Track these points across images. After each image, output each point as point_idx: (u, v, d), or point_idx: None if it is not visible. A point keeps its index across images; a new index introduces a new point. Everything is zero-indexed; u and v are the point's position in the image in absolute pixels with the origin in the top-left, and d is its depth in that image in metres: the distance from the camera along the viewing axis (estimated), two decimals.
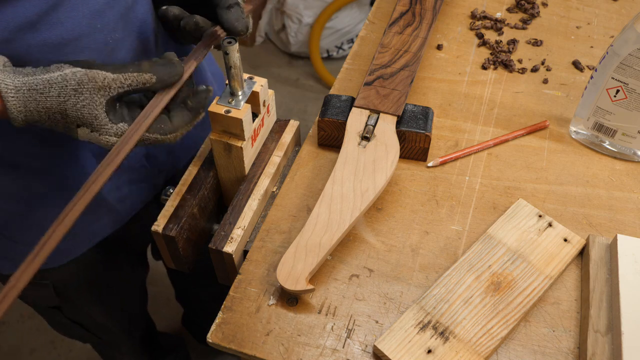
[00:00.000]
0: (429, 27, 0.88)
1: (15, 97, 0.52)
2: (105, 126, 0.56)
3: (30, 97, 0.52)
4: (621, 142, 0.76)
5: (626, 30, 0.69)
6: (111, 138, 0.57)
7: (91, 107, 0.54)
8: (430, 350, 0.58)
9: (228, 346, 0.61)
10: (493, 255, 0.66)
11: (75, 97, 0.53)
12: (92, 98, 0.54)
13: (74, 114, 0.54)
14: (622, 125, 0.74)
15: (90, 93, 0.54)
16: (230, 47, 0.61)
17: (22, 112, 0.53)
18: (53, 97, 0.53)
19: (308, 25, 2.30)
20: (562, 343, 0.61)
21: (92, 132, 0.56)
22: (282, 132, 0.80)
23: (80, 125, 0.55)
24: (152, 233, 0.71)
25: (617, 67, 0.70)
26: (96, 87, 0.54)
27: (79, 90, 0.53)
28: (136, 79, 0.55)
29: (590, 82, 0.75)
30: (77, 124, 0.55)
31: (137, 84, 0.55)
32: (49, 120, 0.55)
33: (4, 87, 0.52)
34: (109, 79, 0.54)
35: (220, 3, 0.61)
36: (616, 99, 0.72)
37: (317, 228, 0.65)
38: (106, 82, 0.54)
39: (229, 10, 0.60)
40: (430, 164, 0.78)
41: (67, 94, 0.53)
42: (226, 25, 0.61)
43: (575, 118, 0.80)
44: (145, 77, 0.56)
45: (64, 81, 0.53)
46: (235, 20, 0.60)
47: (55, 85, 0.53)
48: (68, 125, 0.55)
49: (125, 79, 0.55)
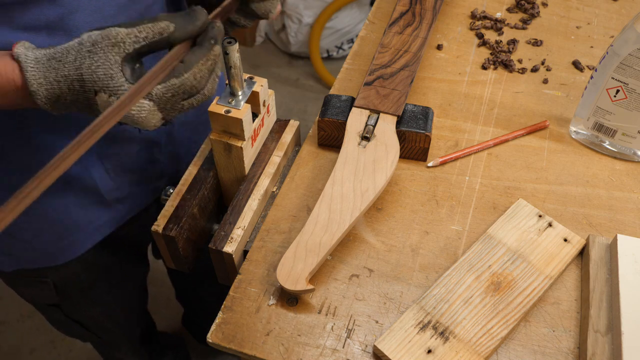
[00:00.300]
0: (429, 27, 0.88)
1: (34, 67, 0.51)
2: (121, 87, 0.51)
3: (50, 66, 0.52)
4: (621, 142, 0.76)
5: (626, 30, 0.69)
6: None
7: (106, 67, 0.51)
8: (430, 350, 0.58)
9: (228, 346, 0.61)
10: (493, 255, 0.66)
11: (90, 58, 0.51)
12: (106, 57, 0.51)
13: (90, 77, 0.51)
14: (622, 125, 0.74)
15: (105, 52, 0.51)
16: (230, 47, 0.61)
17: (42, 85, 0.52)
18: (70, 62, 0.51)
19: (308, 25, 2.30)
20: (562, 343, 0.61)
21: (110, 96, 0.51)
22: (282, 132, 0.80)
23: (98, 90, 0.51)
24: (152, 233, 0.71)
25: (617, 67, 0.70)
26: (110, 44, 0.51)
27: (93, 51, 0.51)
28: (152, 29, 0.51)
29: (590, 82, 0.75)
30: (94, 90, 0.52)
31: (153, 34, 0.51)
32: (70, 92, 0.52)
33: (24, 58, 0.52)
34: (123, 34, 0.51)
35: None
36: (616, 99, 0.72)
37: (317, 228, 0.65)
38: (119, 38, 0.51)
39: None
40: (430, 164, 0.78)
41: (83, 56, 0.51)
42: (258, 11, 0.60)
43: (575, 118, 0.80)
44: (162, 24, 0.51)
45: (79, 45, 0.52)
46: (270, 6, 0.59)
47: (72, 50, 0.52)
48: (87, 94, 0.52)
49: (139, 31, 0.51)
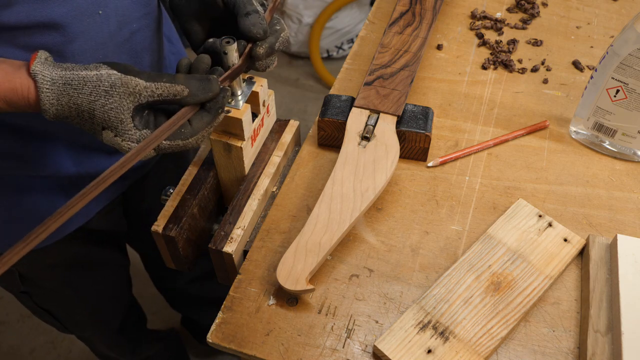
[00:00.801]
0: (429, 27, 0.88)
1: (50, 89, 0.53)
2: (129, 132, 0.56)
3: (64, 92, 0.54)
4: (621, 142, 0.76)
5: (626, 30, 0.69)
6: (133, 144, 0.57)
7: (118, 111, 0.54)
8: (430, 350, 0.58)
9: (228, 346, 0.61)
10: (493, 255, 0.66)
11: (105, 98, 0.54)
12: (121, 102, 0.54)
13: (101, 115, 0.55)
14: (622, 125, 0.74)
15: (120, 97, 0.54)
16: (228, 46, 0.61)
17: (54, 105, 0.54)
18: (85, 94, 0.54)
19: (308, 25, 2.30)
20: (562, 343, 0.61)
21: (116, 136, 0.56)
22: (282, 132, 0.80)
23: (106, 127, 0.56)
24: (152, 233, 0.71)
25: (617, 67, 0.70)
26: (127, 92, 0.54)
27: (110, 93, 0.54)
28: (168, 90, 0.55)
29: (590, 82, 0.75)
30: (102, 126, 0.55)
31: (169, 94, 0.56)
32: (78, 118, 0.55)
33: (41, 77, 0.53)
34: (141, 87, 0.55)
35: (239, 12, 0.61)
36: (616, 99, 0.72)
37: (317, 228, 0.65)
38: (137, 89, 0.54)
39: (246, 17, 0.61)
40: (430, 164, 0.78)
41: (99, 94, 0.54)
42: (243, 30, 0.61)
43: (575, 118, 0.80)
44: (178, 88, 0.56)
45: (98, 81, 0.54)
46: (252, 25, 0.61)
47: (90, 83, 0.54)
48: (94, 126, 0.56)
49: (157, 88, 0.55)
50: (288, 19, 2.34)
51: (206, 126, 0.59)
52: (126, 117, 0.55)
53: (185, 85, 0.56)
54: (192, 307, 1.47)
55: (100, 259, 0.99)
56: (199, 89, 0.57)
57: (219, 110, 0.60)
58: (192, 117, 0.59)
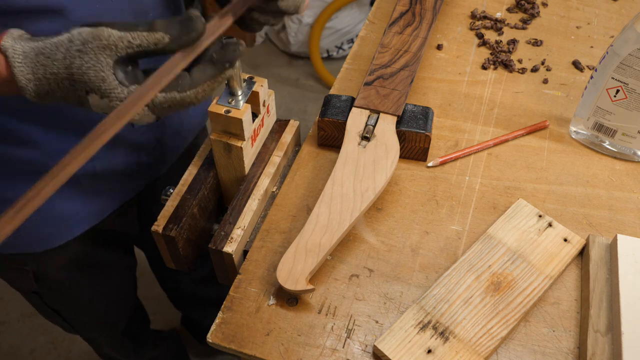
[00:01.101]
0: (429, 27, 0.88)
1: (22, 62, 0.50)
2: (114, 90, 0.50)
3: (38, 63, 0.50)
4: (621, 142, 0.76)
5: (626, 30, 0.69)
6: None
7: (97, 69, 0.49)
8: (430, 350, 0.58)
9: (228, 346, 0.61)
10: (493, 255, 0.66)
11: (80, 58, 0.49)
12: (97, 58, 0.49)
13: (80, 77, 0.49)
14: (622, 125, 0.74)
15: (95, 53, 0.49)
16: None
17: (31, 80, 0.50)
18: (59, 60, 0.50)
19: (308, 25, 2.30)
20: (562, 343, 0.61)
21: (103, 98, 0.50)
22: (282, 132, 0.80)
23: (90, 91, 0.50)
24: (152, 233, 0.71)
25: (617, 67, 0.70)
26: (101, 46, 0.49)
27: (83, 50, 0.49)
28: (146, 38, 0.49)
29: (590, 82, 0.75)
30: (86, 89, 0.50)
31: (148, 44, 0.50)
32: (59, 89, 0.51)
33: (12, 52, 0.49)
34: (115, 37, 0.49)
35: None
36: (616, 99, 0.72)
37: (317, 228, 0.65)
38: (112, 40, 0.49)
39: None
40: (430, 164, 0.78)
41: (72, 55, 0.49)
42: None
43: (575, 118, 0.80)
44: (157, 35, 0.49)
45: (69, 42, 0.49)
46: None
47: (62, 47, 0.50)
48: (78, 93, 0.51)
49: (133, 37, 0.49)
50: (288, 19, 2.34)
51: (208, 79, 0.52)
52: (107, 75, 0.49)
53: (165, 31, 0.50)
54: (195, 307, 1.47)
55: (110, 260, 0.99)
56: (182, 31, 0.50)
57: (225, 64, 0.52)
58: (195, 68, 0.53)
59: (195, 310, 1.48)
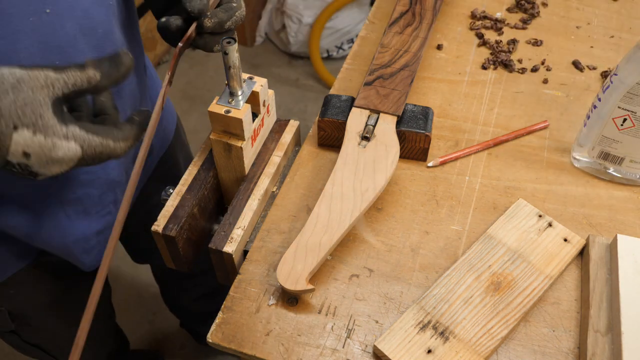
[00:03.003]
0: (429, 27, 0.88)
1: None
2: (53, 126, 0.49)
3: None
4: (628, 169, 0.74)
5: (631, 58, 0.67)
6: (58, 141, 0.50)
7: (34, 105, 0.48)
8: (430, 350, 0.58)
9: (228, 346, 0.61)
10: (493, 255, 0.66)
11: (14, 93, 0.47)
12: (34, 96, 0.48)
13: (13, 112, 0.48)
14: (631, 153, 0.72)
15: (32, 91, 0.48)
16: (229, 46, 0.61)
17: None
18: None
19: (308, 25, 2.30)
20: (562, 343, 0.61)
21: (36, 133, 0.48)
22: (282, 132, 0.80)
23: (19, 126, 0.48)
24: (152, 233, 0.71)
25: (623, 97, 0.68)
26: (38, 86, 0.49)
27: (18, 88, 0.48)
28: (79, 77, 0.50)
29: (593, 111, 0.73)
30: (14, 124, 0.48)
31: (82, 82, 0.50)
32: None
33: None
34: (52, 78, 0.49)
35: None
36: (623, 128, 0.70)
37: (317, 228, 0.65)
38: (49, 81, 0.49)
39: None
40: (430, 164, 0.78)
41: (4, 90, 0.47)
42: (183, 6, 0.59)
43: (577, 146, 0.78)
44: (89, 73, 0.50)
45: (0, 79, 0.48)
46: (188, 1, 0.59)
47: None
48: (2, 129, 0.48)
49: (68, 77, 0.50)
50: (288, 19, 2.34)
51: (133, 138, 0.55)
52: (45, 111, 0.49)
53: (96, 68, 0.51)
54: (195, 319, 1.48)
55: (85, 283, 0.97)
56: (111, 68, 0.51)
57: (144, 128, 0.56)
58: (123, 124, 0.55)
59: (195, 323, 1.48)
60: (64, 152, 0.50)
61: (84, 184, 0.73)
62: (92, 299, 0.48)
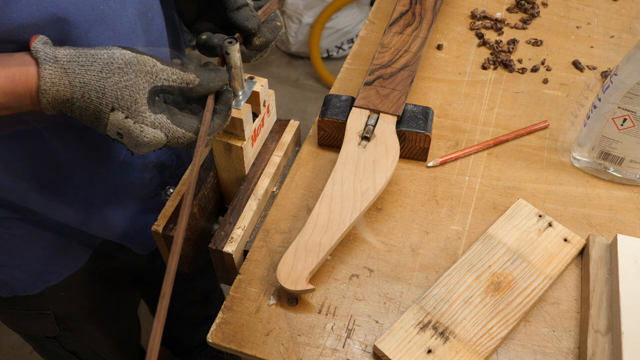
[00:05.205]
0: (429, 27, 0.88)
1: (53, 67, 0.50)
2: (143, 113, 0.53)
3: (69, 69, 0.51)
4: (628, 169, 0.74)
5: (631, 59, 0.67)
6: (146, 128, 0.53)
7: (133, 90, 0.52)
8: (430, 350, 0.58)
9: (228, 346, 0.61)
10: (493, 255, 0.66)
11: (119, 75, 0.51)
12: (137, 80, 0.52)
13: (113, 93, 0.51)
14: (631, 153, 0.73)
15: (136, 75, 0.52)
16: (230, 47, 0.61)
17: (55, 85, 0.51)
18: (94, 71, 0.51)
19: (308, 25, 2.30)
20: (562, 343, 0.61)
21: (127, 117, 0.52)
22: (282, 132, 0.80)
23: (116, 108, 0.52)
24: (152, 233, 0.71)
25: (623, 97, 0.68)
26: (143, 71, 0.52)
27: (124, 70, 0.51)
28: (181, 77, 0.54)
29: (593, 111, 0.73)
30: (112, 106, 0.52)
31: (182, 82, 0.54)
32: (82, 99, 0.52)
33: (43, 54, 0.50)
34: (158, 68, 0.53)
35: (229, 6, 0.62)
36: (623, 128, 0.70)
37: (317, 228, 0.65)
38: (155, 70, 0.53)
39: (238, 12, 0.61)
40: (430, 164, 0.78)
41: (111, 70, 0.51)
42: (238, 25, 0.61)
43: (577, 146, 0.78)
44: (190, 77, 0.55)
45: (110, 59, 0.51)
46: (244, 19, 0.61)
47: (100, 60, 0.51)
48: (101, 107, 0.52)
49: (172, 73, 0.54)
50: (288, 19, 2.34)
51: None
52: (141, 97, 0.52)
53: (196, 74, 0.55)
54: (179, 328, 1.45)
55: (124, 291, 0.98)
56: (209, 79, 0.56)
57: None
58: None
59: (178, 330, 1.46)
60: (150, 139, 0.54)
61: (138, 169, 0.76)
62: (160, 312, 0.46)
